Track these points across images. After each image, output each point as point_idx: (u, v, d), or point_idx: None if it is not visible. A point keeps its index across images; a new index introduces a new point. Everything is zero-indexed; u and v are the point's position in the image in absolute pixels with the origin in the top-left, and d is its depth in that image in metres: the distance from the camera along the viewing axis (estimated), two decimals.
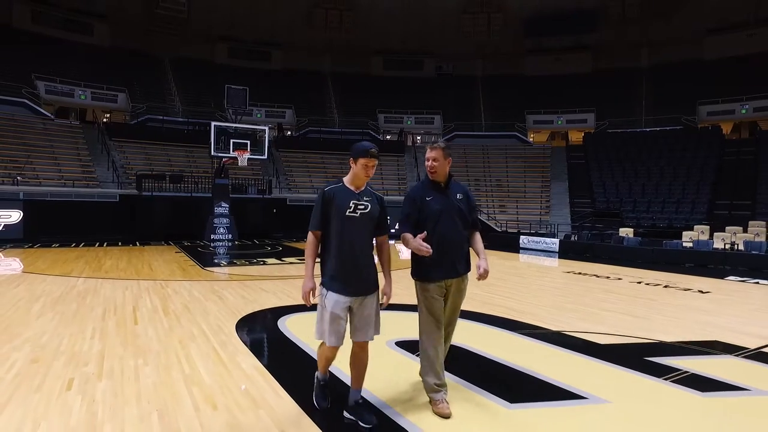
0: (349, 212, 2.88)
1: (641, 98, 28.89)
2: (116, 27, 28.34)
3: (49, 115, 22.86)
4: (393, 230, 6.72)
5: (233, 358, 4.24)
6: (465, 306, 3.41)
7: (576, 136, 29.48)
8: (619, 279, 9.99)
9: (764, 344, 5.08)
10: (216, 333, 5.06)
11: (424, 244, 2.94)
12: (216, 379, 3.70)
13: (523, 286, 9.02)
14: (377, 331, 3.00)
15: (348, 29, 30.81)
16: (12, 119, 20.54)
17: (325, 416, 3.09)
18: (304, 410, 3.16)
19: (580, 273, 10.99)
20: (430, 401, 3.18)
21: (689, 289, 8.76)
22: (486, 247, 3.36)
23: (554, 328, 5.66)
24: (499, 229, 20.58)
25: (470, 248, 3.31)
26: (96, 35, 27.98)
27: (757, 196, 19.22)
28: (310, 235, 2.95)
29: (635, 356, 4.62)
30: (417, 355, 3.49)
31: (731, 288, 9.16)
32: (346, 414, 3.04)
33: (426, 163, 3.24)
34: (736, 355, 4.73)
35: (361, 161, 2.92)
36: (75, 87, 24.64)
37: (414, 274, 3.23)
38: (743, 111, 26.18)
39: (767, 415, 3.32)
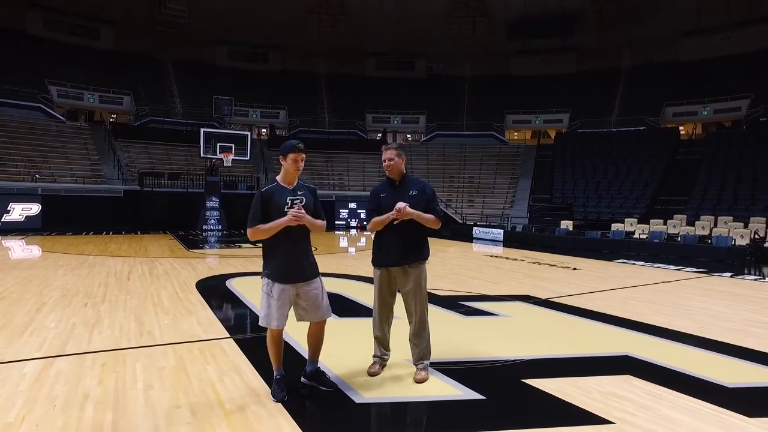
0: (287, 208, 3.14)
1: (616, 99, 30.78)
2: (121, 31, 30.31)
3: (61, 117, 25.32)
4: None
5: (187, 296, 6.70)
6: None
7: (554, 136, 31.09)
8: (523, 260, 12.31)
9: (552, 296, 7.42)
10: (181, 285, 7.52)
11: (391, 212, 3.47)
12: (171, 304, 6.17)
13: (433, 263, 11.37)
14: (329, 312, 3.36)
15: (342, 32, 32.56)
16: (29, 122, 23.09)
17: (232, 321, 5.49)
18: (218, 318, 5.57)
19: (496, 256, 13.35)
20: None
21: (568, 267, 11.06)
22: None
23: None
24: (460, 221, 22.92)
25: (422, 238, 3.72)
26: (102, 39, 30.10)
27: (693, 193, 21.36)
28: (250, 230, 3.17)
29: (453, 301, 6.95)
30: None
31: (605, 267, 11.45)
32: (303, 381, 3.40)
33: (383, 163, 3.67)
34: (526, 302, 7.06)
35: (291, 156, 3.19)
36: (84, 91, 26.94)
37: (372, 262, 3.80)
38: (704, 113, 28.18)
39: (492, 325, 5.72)
